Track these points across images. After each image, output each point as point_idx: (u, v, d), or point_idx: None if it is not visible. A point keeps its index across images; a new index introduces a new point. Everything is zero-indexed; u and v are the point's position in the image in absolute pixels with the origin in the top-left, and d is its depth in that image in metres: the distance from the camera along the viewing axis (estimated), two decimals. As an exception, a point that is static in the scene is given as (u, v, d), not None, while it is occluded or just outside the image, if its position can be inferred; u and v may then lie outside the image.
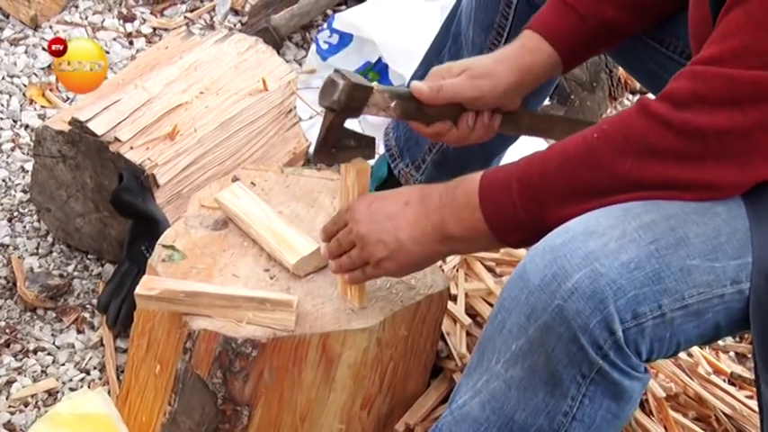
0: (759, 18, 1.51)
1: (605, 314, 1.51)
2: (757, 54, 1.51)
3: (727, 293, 1.58)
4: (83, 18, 3.20)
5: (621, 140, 1.59)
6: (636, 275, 1.53)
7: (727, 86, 1.53)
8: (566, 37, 1.96)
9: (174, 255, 1.94)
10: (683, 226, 1.57)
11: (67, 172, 2.46)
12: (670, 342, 1.59)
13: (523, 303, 1.57)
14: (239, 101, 2.51)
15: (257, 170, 2.17)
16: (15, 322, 2.42)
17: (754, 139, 1.54)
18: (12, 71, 3.04)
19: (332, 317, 1.85)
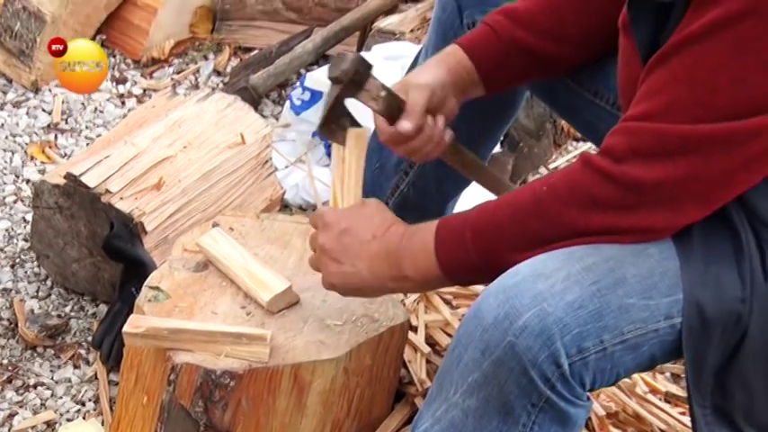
0: (680, 76, 1.52)
1: (552, 350, 1.52)
2: (682, 109, 1.52)
3: (661, 328, 1.59)
4: (79, 81, 3.19)
5: (567, 193, 1.59)
6: (580, 314, 1.54)
7: (658, 141, 1.54)
8: (481, 51, 1.99)
9: (160, 295, 1.94)
10: (621, 267, 1.57)
11: (64, 221, 2.45)
12: (610, 373, 1.60)
13: (478, 339, 1.57)
14: (219, 153, 2.51)
15: (235, 216, 2.17)
16: (17, 360, 2.41)
17: (684, 187, 1.55)
18: (14, 131, 3.03)
19: (303, 349, 1.85)
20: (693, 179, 1.54)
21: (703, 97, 1.51)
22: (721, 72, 1.50)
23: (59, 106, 3.11)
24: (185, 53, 3.35)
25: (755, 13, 1.45)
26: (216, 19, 3.37)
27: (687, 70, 1.52)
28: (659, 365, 1.77)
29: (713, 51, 1.50)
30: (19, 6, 3.12)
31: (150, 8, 3.28)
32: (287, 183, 2.73)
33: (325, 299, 1.95)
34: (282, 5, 3.28)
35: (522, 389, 1.55)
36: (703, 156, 1.53)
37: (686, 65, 1.52)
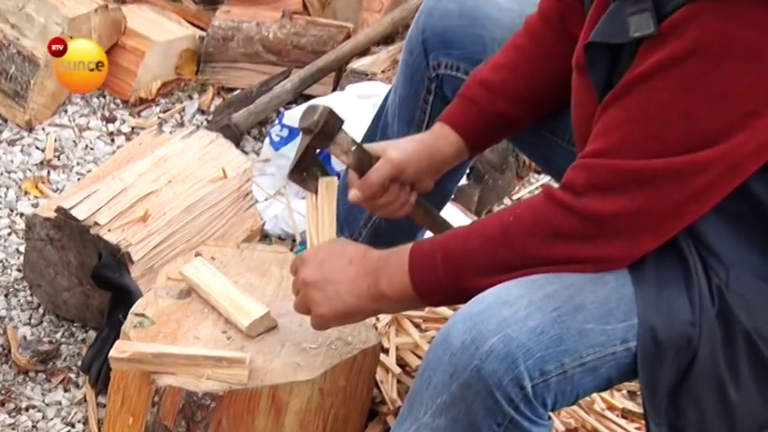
0: (632, 113, 1.53)
1: (516, 373, 1.52)
2: (635, 145, 1.53)
3: (618, 351, 1.59)
4: (71, 120, 3.19)
5: (532, 224, 1.60)
6: (542, 339, 1.54)
7: (614, 176, 1.54)
8: (467, 125, 1.97)
9: (145, 321, 1.92)
10: (580, 294, 1.58)
11: (55, 252, 2.44)
12: (570, 394, 1.60)
13: (446, 363, 1.57)
14: (202, 187, 2.50)
15: (217, 246, 2.16)
16: (10, 384, 2.38)
17: (639, 219, 1.55)
18: (9, 167, 3.01)
19: (280, 371, 1.84)
20: (648, 212, 1.55)
21: (655, 133, 1.52)
22: (670, 108, 1.50)
23: (52, 144, 3.10)
24: (171, 93, 3.34)
25: (699, 53, 1.46)
26: (200, 61, 3.38)
27: (639, 108, 1.53)
28: (616, 384, 1.74)
29: (662, 89, 1.50)
30: (14, 51, 3.12)
31: (138, 51, 3.28)
32: (267, 214, 2.73)
33: (301, 323, 1.92)
34: (263, 48, 3.29)
35: (488, 410, 1.54)
36: (657, 189, 1.53)
37: (638, 103, 1.53)
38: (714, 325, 1.58)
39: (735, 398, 1.61)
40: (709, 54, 1.46)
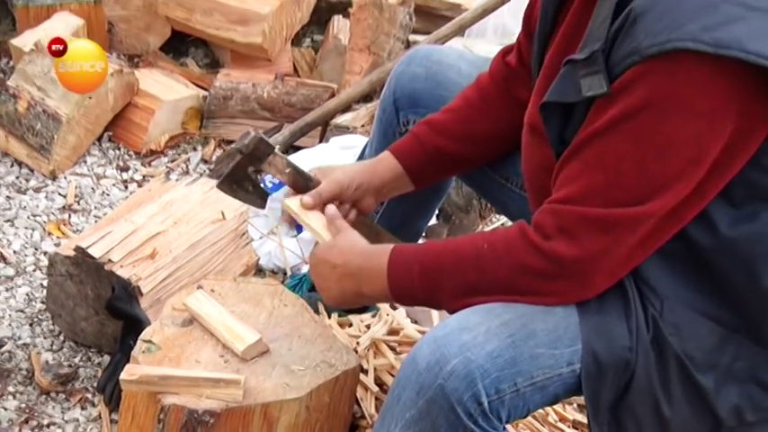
0: (591, 164, 1.53)
1: (475, 391, 1.53)
2: (596, 193, 1.53)
3: (564, 373, 1.59)
4: (90, 170, 3.19)
5: (504, 255, 1.60)
6: (497, 361, 1.54)
7: (579, 222, 1.54)
8: (408, 155, 2.00)
9: (152, 347, 1.91)
10: (532, 323, 1.58)
11: (74, 286, 2.42)
12: (522, 409, 1.60)
13: (414, 382, 1.57)
14: (204, 228, 2.50)
15: (216, 280, 2.15)
16: (33, 403, 2.36)
17: (597, 263, 1.55)
18: (35, 212, 3.00)
19: (271, 390, 1.83)
20: (606, 256, 1.55)
21: (613, 181, 1.52)
22: (625, 159, 1.50)
23: (73, 191, 3.09)
24: (178, 145, 3.34)
25: (648, 108, 1.46)
26: (203, 117, 3.37)
27: (597, 159, 1.53)
28: (562, 400, 1.76)
29: (616, 142, 1.50)
30: (40, 110, 3.11)
31: (149, 109, 3.27)
32: (261, 251, 2.72)
33: (290, 348, 1.94)
34: (258, 106, 3.29)
35: (451, 423, 1.54)
36: (615, 236, 1.53)
37: (595, 155, 1.53)
38: (649, 350, 1.58)
39: (668, 414, 1.61)
40: (656, 109, 1.46)
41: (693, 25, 1.40)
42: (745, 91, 1.44)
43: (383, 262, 1.68)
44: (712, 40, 1.39)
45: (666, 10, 1.43)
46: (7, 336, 2.53)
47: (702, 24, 1.40)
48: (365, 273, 1.72)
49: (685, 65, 1.42)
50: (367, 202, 1.98)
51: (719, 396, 1.61)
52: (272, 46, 3.44)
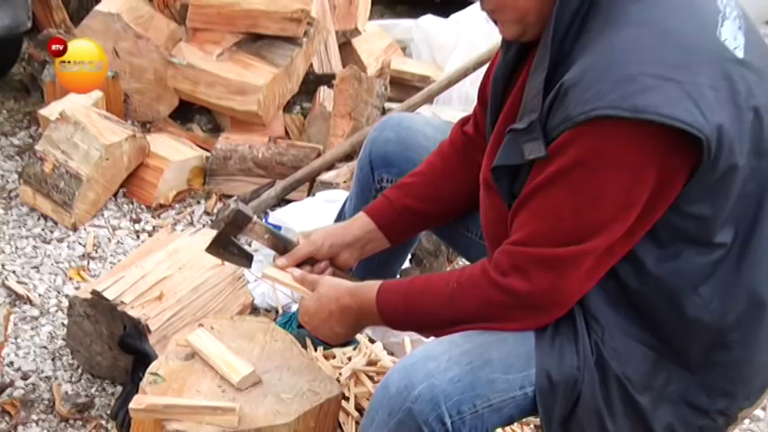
0: (537, 213, 1.56)
1: (439, 412, 1.54)
2: (543, 237, 1.55)
3: (517, 395, 1.60)
4: (106, 222, 3.19)
5: (471, 290, 1.62)
6: (458, 386, 1.55)
7: (530, 261, 1.56)
8: (380, 214, 2.01)
9: (158, 379, 1.89)
10: (488, 352, 1.59)
11: (90, 325, 2.41)
12: (481, 428, 1.60)
13: (386, 405, 1.58)
14: (205, 272, 2.49)
15: (216, 319, 2.13)
16: (53, 430, 2.34)
17: (548, 296, 1.57)
18: (58, 259, 2.99)
19: (264, 416, 1.81)
20: (554, 288, 1.57)
21: (555, 227, 1.54)
22: (563, 208, 1.53)
23: (91, 241, 3.08)
24: (184, 200, 3.34)
25: (580, 165, 1.49)
26: (206, 175, 3.37)
27: (541, 209, 1.55)
28: (517, 421, 1.76)
29: (555, 194, 1.53)
30: (63, 170, 3.11)
31: (159, 169, 3.28)
32: (256, 292, 2.70)
33: (280, 378, 1.92)
34: (254, 165, 3.31)
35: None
36: (560, 271, 1.55)
37: (539, 205, 1.55)
38: (593, 370, 1.60)
39: (612, 429, 1.62)
40: (587, 165, 1.48)
41: (614, 95, 1.43)
42: (663, 148, 1.46)
43: (371, 301, 1.71)
44: (630, 107, 1.42)
45: (592, 83, 1.46)
46: (32, 369, 2.51)
47: (621, 94, 1.43)
48: (360, 308, 1.74)
49: (609, 128, 1.45)
50: (343, 258, 1.98)
51: (655, 414, 1.63)
52: (266, 113, 3.45)
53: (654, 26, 1.49)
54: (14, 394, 2.41)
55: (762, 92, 1.54)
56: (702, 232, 1.55)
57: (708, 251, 1.57)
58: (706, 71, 1.47)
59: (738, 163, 1.50)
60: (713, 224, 1.55)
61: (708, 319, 1.59)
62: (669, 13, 1.52)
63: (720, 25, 1.53)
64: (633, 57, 1.46)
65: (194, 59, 3.43)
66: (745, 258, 1.59)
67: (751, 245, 1.59)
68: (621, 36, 1.49)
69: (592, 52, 1.49)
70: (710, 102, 1.44)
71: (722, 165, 1.48)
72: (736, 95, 1.49)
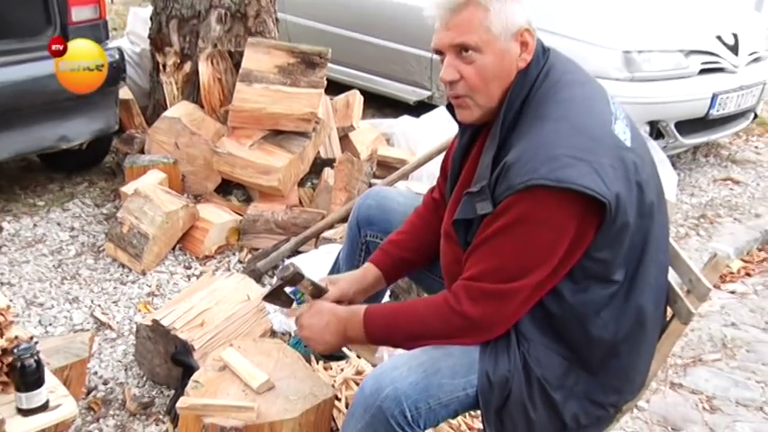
0: (485, 257, 1.55)
1: (401, 408, 1.53)
2: (490, 274, 1.54)
3: (461, 396, 1.59)
4: (166, 269, 3.19)
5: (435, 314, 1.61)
6: (416, 389, 1.54)
7: (479, 293, 1.55)
8: (383, 264, 1.96)
9: (198, 385, 1.89)
10: (439, 363, 1.58)
11: (151, 344, 2.41)
12: (434, 420, 1.60)
13: (362, 403, 1.56)
14: (236, 306, 2.47)
15: (242, 341, 2.12)
16: (124, 422, 2.33)
17: (492, 319, 1.57)
18: (131, 296, 2.99)
19: (276, 413, 1.80)
20: (497, 314, 1.56)
21: (499, 267, 1.53)
22: (506, 253, 1.52)
23: (155, 283, 3.08)
24: (223, 252, 3.32)
25: (519, 222, 1.49)
26: (240, 233, 3.36)
27: (488, 253, 1.55)
28: (460, 414, 1.73)
29: (500, 243, 1.53)
30: (136, 231, 3.14)
31: (205, 229, 3.28)
32: (274, 320, 2.66)
33: (288, 385, 1.90)
34: (275, 225, 3.30)
35: (387, 430, 1.55)
36: (503, 301, 1.54)
37: (487, 251, 1.55)
38: (521, 373, 1.59)
39: (534, 417, 1.61)
40: (524, 223, 1.49)
41: (543, 170, 1.45)
42: (579, 210, 1.47)
43: (360, 319, 1.67)
44: (555, 178, 1.44)
45: (527, 161, 1.47)
46: (110, 377, 2.51)
47: (549, 169, 1.44)
48: (350, 328, 1.69)
49: (540, 194, 1.46)
50: (358, 299, 1.94)
51: (565, 407, 1.62)
52: (285, 188, 3.46)
53: (569, 121, 1.52)
54: (97, 396, 2.42)
55: (643, 170, 1.57)
56: (604, 272, 1.56)
57: (607, 286, 1.57)
58: (607, 155, 1.49)
59: (630, 221, 1.52)
60: (612, 266, 1.56)
61: (605, 336, 1.59)
62: (579, 113, 1.54)
63: (614, 123, 1.56)
64: (556, 143, 1.48)
65: (233, 149, 3.46)
66: (632, 291, 1.60)
67: (636, 281, 1.60)
68: (547, 128, 1.51)
69: (526, 139, 1.51)
70: (611, 176, 1.47)
71: (619, 222, 1.50)
72: (628, 173, 1.52)
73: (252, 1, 3.77)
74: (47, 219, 3.52)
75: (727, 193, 4.19)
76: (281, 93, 3.46)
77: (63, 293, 2.96)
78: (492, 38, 1.55)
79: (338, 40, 4.67)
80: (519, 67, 1.58)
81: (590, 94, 1.60)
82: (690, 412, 2.56)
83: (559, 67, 1.61)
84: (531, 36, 1.58)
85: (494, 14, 1.54)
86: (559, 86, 1.57)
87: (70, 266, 3.15)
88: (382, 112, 4.68)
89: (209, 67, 3.70)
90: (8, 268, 3.12)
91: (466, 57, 1.56)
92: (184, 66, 3.81)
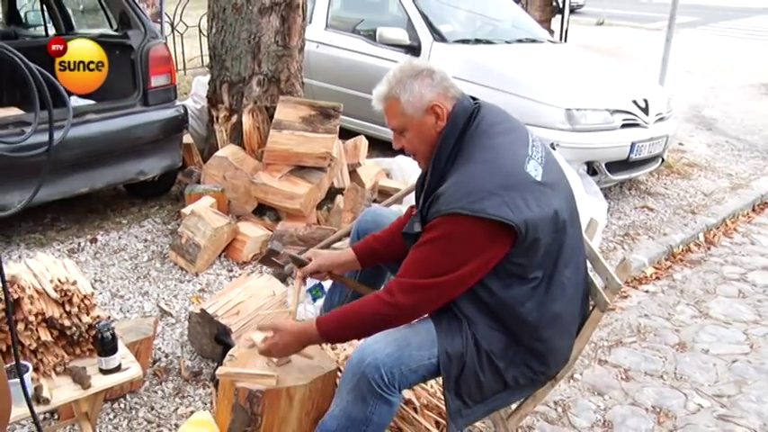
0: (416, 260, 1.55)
1: (380, 374, 1.52)
2: (418, 272, 1.53)
3: (427, 363, 1.58)
4: (213, 272, 3.18)
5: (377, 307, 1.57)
6: (391, 358, 1.53)
7: (407, 287, 1.53)
8: (359, 251, 1.95)
9: (233, 358, 1.88)
10: (408, 338, 1.57)
11: (200, 328, 2.40)
12: (406, 383, 1.58)
13: (350, 370, 1.56)
14: (264, 299, 2.47)
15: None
16: (181, 386, 2.33)
17: (419, 306, 1.55)
18: (187, 291, 2.98)
19: (291, 380, 1.80)
20: (424, 302, 1.55)
21: (425, 268, 1.52)
22: (431, 258, 1.52)
23: (205, 282, 3.07)
24: (256, 259, 3.31)
25: (442, 238, 1.49)
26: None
27: (417, 257, 1.54)
28: (428, 380, 1.69)
29: (427, 251, 1.52)
30: (191, 242, 3.15)
31: (243, 242, 3.28)
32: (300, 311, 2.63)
33: (301, 359, 1.88)
34: (297, 239, 3.29)
35: (369, 390, 1.54)
36: (429, 292, 1.53)
37: (417, 255, 1.55)
38: (473, 348, 1.58)
39: (483, 380, 1.60)
40: (447, 238, 1.48)
41: (463, 201, 1.46)
42: (492, 232, 1.47)
43: (314, 327, 1.63)
44: (471, 208, 1.45)
45: (451, 193, 1.49)
46: (170, 352, 2.52)
47: (468, 200, 1.46)
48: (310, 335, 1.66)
49: (459, 219, 1.46)
50: (337, 271, 1.95)
51: (507, 372, 1.62)
52: (306, 210, 3.46)
53: (489, 164, 1.52)
54: (160, 365, 2.43)
55: (556, 198, 1.57)
56: (522, 272, 1.56)
57: (527, 282, 1.57)
58: (518, 189, 1.50)
59: (541, 237, 1.52)
60: (528, 268, 1.56)
61: (531, 320, 1.59)
62: (498, 156, 1.54)
63: (526, 163, 1.56)
64: (476, 180, 1.49)
65: (266, 180, 3.47)
66: (549, 286, 1.60)
67: (554, 280, 1.61)
68: (470, 169, 1.52)
69: (454, 177, 1.53)
70: (520, 206, 1.48)
71: (529, 239, 1.51)
72: (539, 202, 1.52)
73: (284, 69, 3.81)
74: (128, 233, 3.55)
75: (644, 217, 4.20)
76: (304, 137, 3.48)
77: (137, 289, 2.98)
78: (407, 118, 1.61)
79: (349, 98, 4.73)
80: (437, 132, 1.61)
81: (511, 141, 1.60)
82: (612, 381, 2.56)
83: (489, 119, 1.62)
84: (441, 107, 1.60)
85: (404, 102, 1.60)
86: (486, 135, 1.58)
87: (143, 269, 3.17)
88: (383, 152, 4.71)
89: (251, 119, 3.74)
90: (100, 269, 3.15)
91: (400, 134, 1.64)
92: (232, 118, 3.85)
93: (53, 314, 1.69)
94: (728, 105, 7.28)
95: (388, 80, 1.62)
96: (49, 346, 1.69)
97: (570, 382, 2.50)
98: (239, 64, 3.74)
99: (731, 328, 3.00)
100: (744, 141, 5.99)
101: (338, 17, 5.30)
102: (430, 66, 1.63)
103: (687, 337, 2.90)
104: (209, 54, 3.92)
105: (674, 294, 3.31)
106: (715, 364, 2.70)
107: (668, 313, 3.13)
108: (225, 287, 2.89)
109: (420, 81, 1.59)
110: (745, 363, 2.71)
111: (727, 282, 3.46)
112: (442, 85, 1.61)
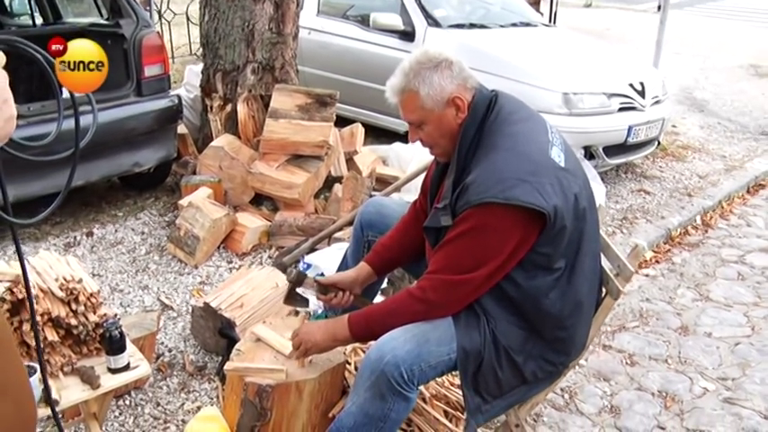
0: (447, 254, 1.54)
1: (400, 371, 1.50)
2: (450, 269, 1.52)
3: (445, 360, 1.57)
4: (213, 264, 3.14)
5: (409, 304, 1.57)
6: (411, 355, 1.52)
7: (440, 283, 1.53)
8: (374, 263, 1.93)
9: (240, 353, 1.86)
10: (427, 334, 1.55)
11: (203, 322, 2.38)
12: (425, 379, 1.58)
13: (368, 367, 1.54)
14: (267, 291, 2.44)
15: (273, 318, 2.09)
16: (185, 380, 2.31)
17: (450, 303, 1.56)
18: (187, 284, 2.95)
19: (300, 374, 1.78)
20: (455, 299, 1.54)
21: (457, 263, 1.51)
22: (463, 252, 1.51)
23: (205, 274, 3.04)
24: (256, 249, 3.27)
25: (473, 230, 1.48)
26: (269, 235, 3.32)
27: (450, 252, 1.52)
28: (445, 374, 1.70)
29: (458, 244, 1.51)
30: (190, 234, 3.11)
31: (242, 232, 3.24)
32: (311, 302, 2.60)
33: None
34: (296, 229, 3.27)
35: (388, 387, 1.53)
36: (460, 289, 1.52)
37: (448, 250, 1.53)
38: (491, 345, 1.57)
39: (501, 376, 1.60)
40: (478, 230, 1.47)
41: (494, 190, 1.44)
42: (523, 220, 1.47)
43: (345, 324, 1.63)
44: (503, 196, 1.43)
45: (481, 182, 1.47)
46: (173, 346, 2.49)
47: (499, 189, 1.44)
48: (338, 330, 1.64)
49: (491, 209, 1.45)
50: (356, 291, 1.92)
51: (525, 366, 1.61)
52: (304, 199, 3.43)
53: (514, 151, 1.51)
54: (164, 360, 2.41)
55: (576, 184, 1.56)
56: (547, 262, 1.55)
57: (551, 273, 1.56)
58: (545, 175, 1.49)
59: (567, 225, 1.51)
60: (553, 258, 1.55)
61: (554, 311, 1.58)
62: (522, 143, 1.53)
63: (550, 149, 1.55)
64: (504, 168, 1.47)
65: (263, 170, 3.43)
66: (572, 276, 1.59)
67: (576, 269, 1.60)
68: (496, 157, 1.50)
69: (481, 165, 1.51)
70: (549, 192, 1.47)
71: (557, 226, 1.50)
72: (564, 188, 1.51)
73: (278, 56, 3.75)
74: (124, 225, 3.50)
75: (641, 200, 4.19)
76: (301, 126, 3.44)
77: (137, 282, 2.94)
78: (427, 112, 1.57)
79: (344, 85, 4.67)
80: (458, 124, 1.58)
81: (531, 128, 1.59)
82: (617, 366, 2.56)
83: (507, 107, 1.61)
84: (462, 98, 1.58)
85: (424, 96, 1.56)
86: (507, 123, 1.56)
87: (142, 262, 3.13)
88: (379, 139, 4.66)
89: (245, 108, 3.68)
90: (98, 263, 3.11)
91: (418, 127, 1.61)
92: (227, 107, 3.79)
93: (59, 313, 1.65)
94: (718, 87, 7.29)
95: (404, 72, 1.58)
96: (56, 346, 1.65)
97: (576, 369, 2.50)
98: (233, 52, 3.67)
99: (732, 310, 3.01)
100: (735, 123, 6.01)
101: (330, 3, 5.21)
102: (447, 56, 1.59)
103: (689, 320, 2.91)
104: (202, 42, 3.85)
105: (674, 278, 3.31)
106: (718, 347, 2.71)
107: (669, 297, 3.14)
108: (225, 279, 2.86)
109: (440, 73, 1.56)
110: (747, 345, 2.72)
111: (726, 264, 3.48)
112: (462, 76, 1.59)
